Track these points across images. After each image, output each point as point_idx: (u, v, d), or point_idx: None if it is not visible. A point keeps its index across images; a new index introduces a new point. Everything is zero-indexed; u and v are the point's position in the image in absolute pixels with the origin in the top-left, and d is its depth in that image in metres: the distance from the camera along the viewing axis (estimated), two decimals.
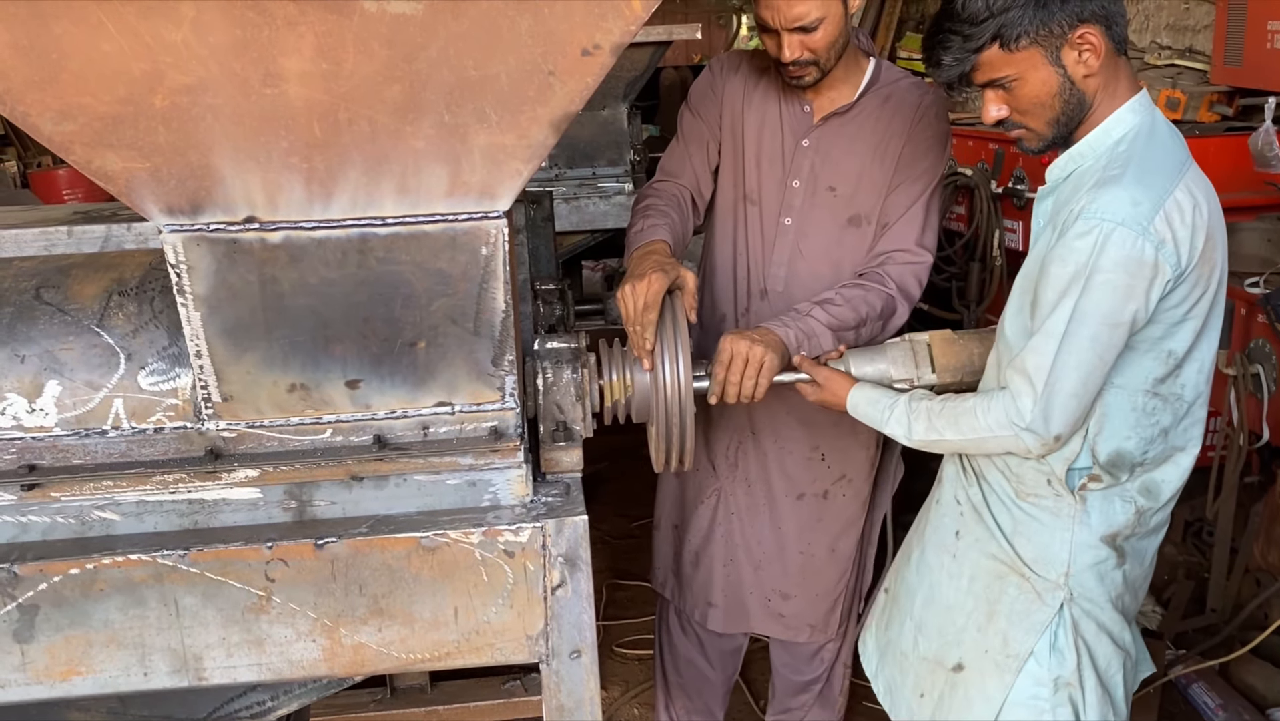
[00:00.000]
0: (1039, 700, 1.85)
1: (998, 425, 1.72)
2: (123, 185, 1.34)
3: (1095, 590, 1.84)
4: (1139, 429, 1.75)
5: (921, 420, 1.84)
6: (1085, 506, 1.80)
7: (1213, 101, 3.98)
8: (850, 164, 2.27)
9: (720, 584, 2.60)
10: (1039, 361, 1.66)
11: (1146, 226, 1.59)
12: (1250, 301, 3.02)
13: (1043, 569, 1.84)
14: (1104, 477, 1.78)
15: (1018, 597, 1.86)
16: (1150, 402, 1.74)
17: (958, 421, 1.78)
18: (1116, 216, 1.60)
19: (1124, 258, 1.60)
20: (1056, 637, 1.84)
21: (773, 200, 2.33)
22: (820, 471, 2.50)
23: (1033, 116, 1.73)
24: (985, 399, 1.76)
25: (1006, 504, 1.87)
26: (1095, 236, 1.60)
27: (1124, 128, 1.71)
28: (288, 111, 1.29)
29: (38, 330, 1.52)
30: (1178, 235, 1.61)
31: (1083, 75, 1.68)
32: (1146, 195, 1.61)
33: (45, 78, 1.22)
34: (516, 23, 1.26)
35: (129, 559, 1.47)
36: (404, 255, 1.43)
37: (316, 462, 1.52)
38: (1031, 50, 1.66)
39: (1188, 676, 2.99)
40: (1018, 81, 1.69)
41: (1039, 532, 1.83)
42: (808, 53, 2.10)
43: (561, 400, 1.71)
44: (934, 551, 2.03)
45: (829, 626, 2.63)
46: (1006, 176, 4.16)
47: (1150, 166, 1.65)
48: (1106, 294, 1.61)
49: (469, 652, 1.56)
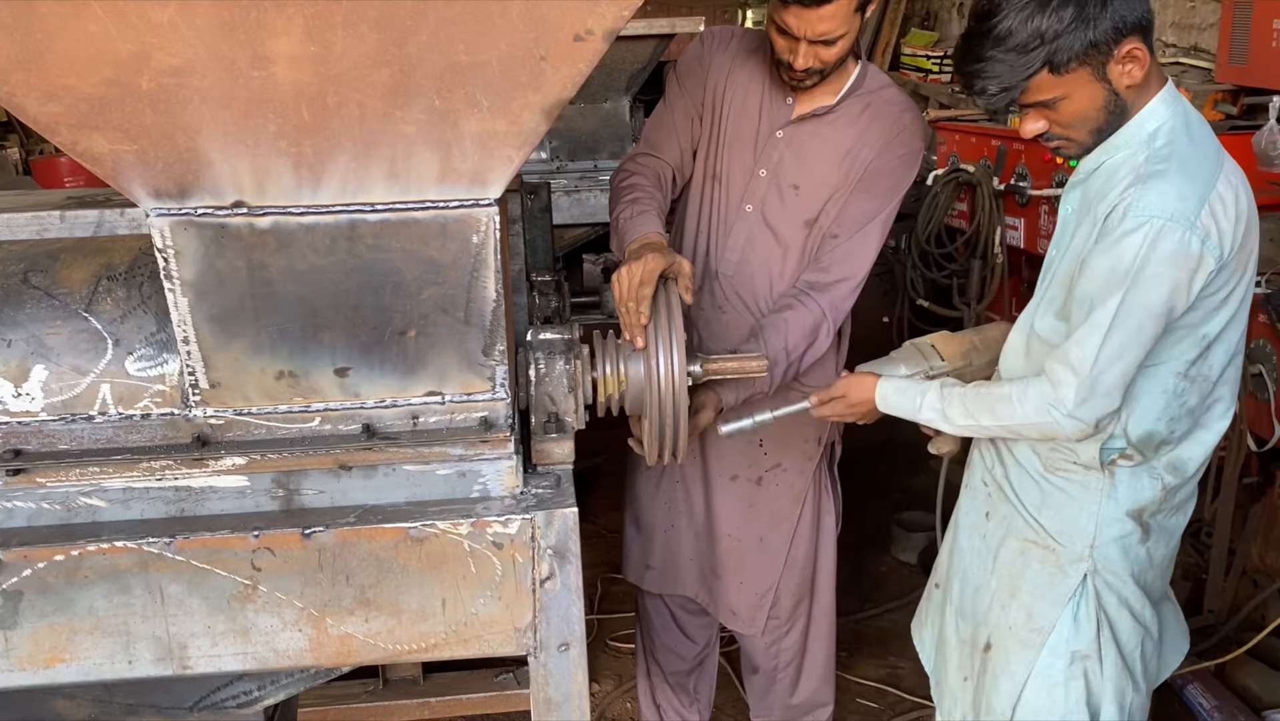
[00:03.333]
0: (1053, 670, 1.87)
1: (1035, 412, 1.74)
2: (109, 168, 1.33)
3: (1119, 563, 1.85)
4: (1169, 409, 1.78)
5: (956, 405, 1.85)
6: (1114, 481, 1.82)
7: (1217, 100, 3.96)
8: (818, 167, 2.26)
9: (659, 548, 2.61)
10: (1082, 353, 1.68)
11: (1194, 220, 1.61)
12: (1253, 301, 3.00)
13: (1068, 540, 1.86)
14: (1135, 456, 1.80)
15: (1040, 571, 1.89)
16: (1180, 385, 1.77)
17: (994, 408, 1.80)
18: (1165, 212, 1.61)
19: (1173, 252, 1.61)
20: (1079, 609, 1.86)
21: (737, 184, 2.32)
22: (756, 456, 2.50)
23: (1075, 129, 1.73)
24: (1021, 386, 1.77)
25: (1035, 478, 1.89)
26: (1145, 232, 1.61)
27: (1157, 120, 1.71)
28: (276, 94, 1.28)
29: (25, 314, 1.50)
30: (1222, 227, 1.63)
31: (1126, 85, 1.68)
32: (1193, 189, 1.63)
33: (30, 58, 1.21)
34: (508, 7, 1.24)
35: (114, 546, 1.45)
36: (394, 242, 1.41)
37: (305, 451, 1.51)
38: (1080, 70, 1.65)
39: (1184, 677, 2.97)
40: (1065, 100, 1.69)
41: (1066, 505, 1.86)
42: (819, 63, 2.09)
43: (554, 391, 1.69)
44: (966, 535, 2.06)
45: (754, 620, 2.60)
46: (1008, 173, 4.14)
47: (1194, 159, 1.67)
48: (1154, 287, 1.63)
49: (456, 644, 1.55)
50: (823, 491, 2.58)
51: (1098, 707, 1.89)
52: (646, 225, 2.07)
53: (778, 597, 2.59)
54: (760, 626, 2.61)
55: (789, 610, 2.62)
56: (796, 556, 2.57)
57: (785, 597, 2.60)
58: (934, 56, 7.81)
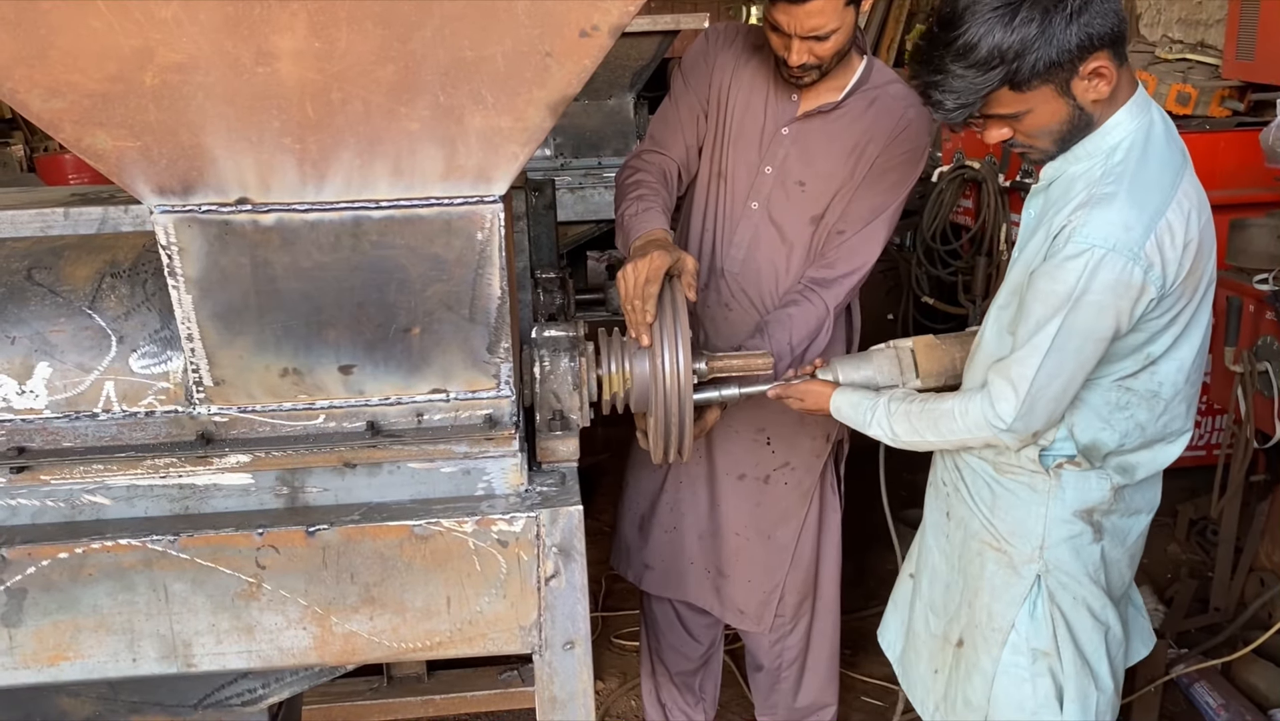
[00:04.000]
0: (1019, 668, 1.90)
1: (976, 426, 1.77)
2: (113, 164, 1.32)
3: (1070, 564, 1.87)
4: (1112, 420, 1.78)
5: (902, 422, 1.88)
6: (1060, 482, 1.83)
7: (1224, 96, 3.95)
8: (824, 163, 2.26)
9: (660, 549, 2.60)
10: (1022, 371, 1.69)
11: (1138, 252, 1.59)
12: (1259, 298, 2.99)
13: (1018, 542, 1.88)
14: (1083, 463, 1.82)
15: (996, 572, 1.91)
16: (1122, 396, 1.77)
17: (937, 424, 1.83)
18: (1108, 242, 1.59)
19: (1114, 281, 1.60)
20: (1035, 608, 1.88)
21: (743, 182, 2.32)
22: (764, 455, 2.49)
23: (1039, 139, 1.71)
24: (963, 400, 1.79)
25: (987, 480, 1.91)
26: (1086, 260, 1.60)
27: (1121, 132, 1.68)
28: (280, 91, 1.27)
29: (29, 311, 1.50)
30: (1166, 257, 1.62)
31: (1092, 100, 1.65)
32: (1139, 218, 1.60)
33: (34, 54, 1.20)
34: (513, 3, 1.24)
35: (118, 544, 1.45)
36: (398, 239, 1.41)
37: (309, 449, 1.50)
38: (1043, 88, 1.61)
39: (1190, 676, 2.96)
40: (1028, 114, 1.65)
41: (1015, 507, 1.88)
42: (814, 58, 2.09)
43: (558, 389, 1.69)
44: (933, 534, 2.09)
45: (762, 618, 2.60)
46: (1014, 170, 4.13)
47: (1146, 182, 1.64)
48: (1093, 313, 1.63)
49: (461, 643, 1.54)
50: (828, 489, 2.57)
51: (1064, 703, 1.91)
52: (651, 222, 2.07)
53: (783, 594, 2.58)
54: (768, 624, 2.60)
55: (794, 607, 2.61)
56: (802, 553, 2.56)
57: (790, 594, 2.59)
58: None
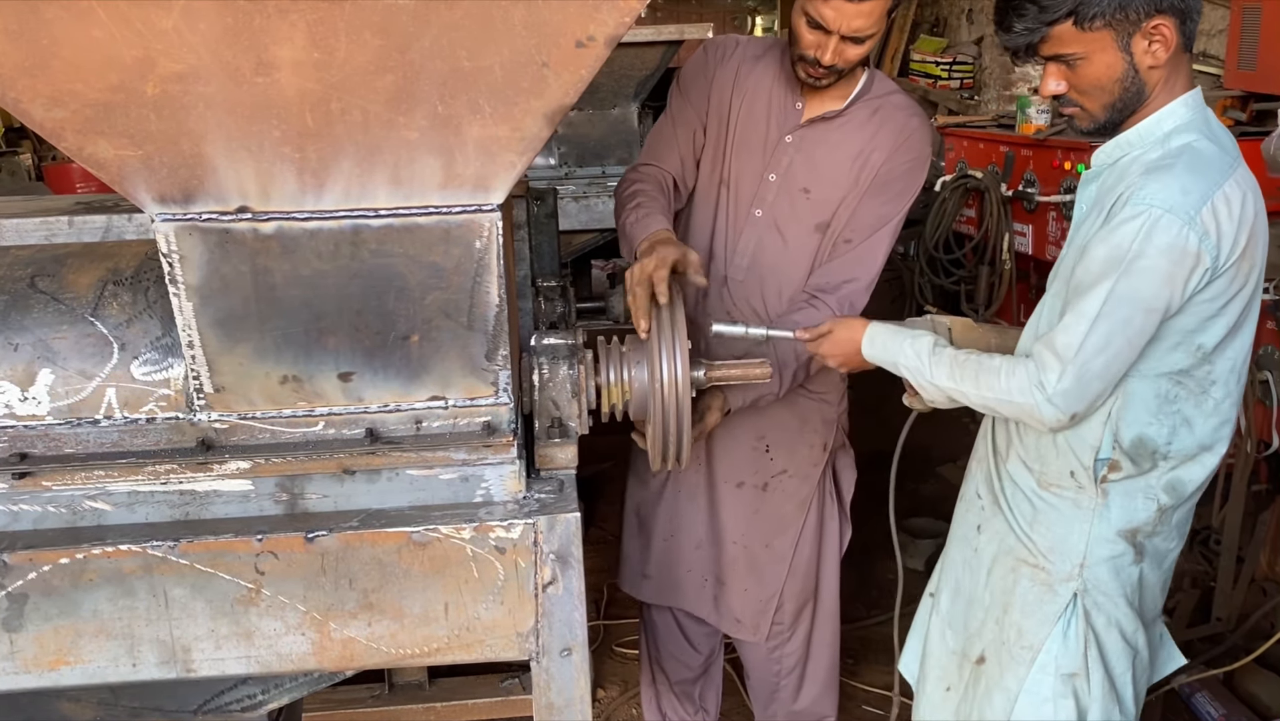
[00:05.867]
0: (1043, 688, 1.86)
1: (1019, 391, 1.73)
2: (115, 173, 1.33)
3: (1110, 584, 1.84)
4: (1161, 415, 1.75)
5: (944, 365, 1.83)
6: (1106, 500, 1.80)
7: (1226, 106, 3.95)
8: (828, 170, 2.27)
9: (657, 557, 2.60)
10: (1068, 340, 1.67)
11: (1194, 216, 1.59)
12: (1261, 307, 2.98)
13: (1057, 559, 1.85)
14: (1124, 465, 1.78)
15: (1030, 589, 1.88)
16: (1173, 389, 1.74)
17: (979, 377, 1.79)
18: (1165, 203, 1.60)
19: (1168, 244, 1.60)
20: (1069, 628, 1.85)
21: (747, 190, 2.33)
22: (763, 463, 2.50)
23: (1090, 97, 1.73)
24: (1011, 362, 1.76)
25: (1028, 494, 1.88)
26: (1142, 221, 1.60)
27: (1175, 120, 1.71)
28: (280, 100, 1.28)
29: (31, 318, 1.51)
30: (1223, 228, 1.61)
31: (1148, 65, 1.67)
32: (1197, 185, 1.61)
33: (36, 64, 1.22)
34: (510, 13, 1.25)
35: (119, 549, 1.46)
36: (397, 247, 1.42)
37: (308, 455, 1.51)
38: (1104, 32, 1.65)
39: (1191, 685, 2.96)
40: (1083, 60, 1.68)
41: (1058, 523, 1.84)
42: (842, 62, 2.11)
43: (557, 396, 1.70)
44: (958, 546, 2.06)
45: (759, 627, 2.59)
46: (1017, 179, 4.13)
47: (1205, 158, 1.65)
48: (1146, 279, 1.62)
49: (459, 649, 1.55)
50: (827, 497, 2.57)
51: None
52: (654, 224, 2.08)
53: (781, 603, 2.58)
54: (765, 633, 2.60)
55: (792, 615, 2.61)
56: (800, 561, 2.56)
57: (789, 602, 2.59)
58: (943, 62, 7.80)
